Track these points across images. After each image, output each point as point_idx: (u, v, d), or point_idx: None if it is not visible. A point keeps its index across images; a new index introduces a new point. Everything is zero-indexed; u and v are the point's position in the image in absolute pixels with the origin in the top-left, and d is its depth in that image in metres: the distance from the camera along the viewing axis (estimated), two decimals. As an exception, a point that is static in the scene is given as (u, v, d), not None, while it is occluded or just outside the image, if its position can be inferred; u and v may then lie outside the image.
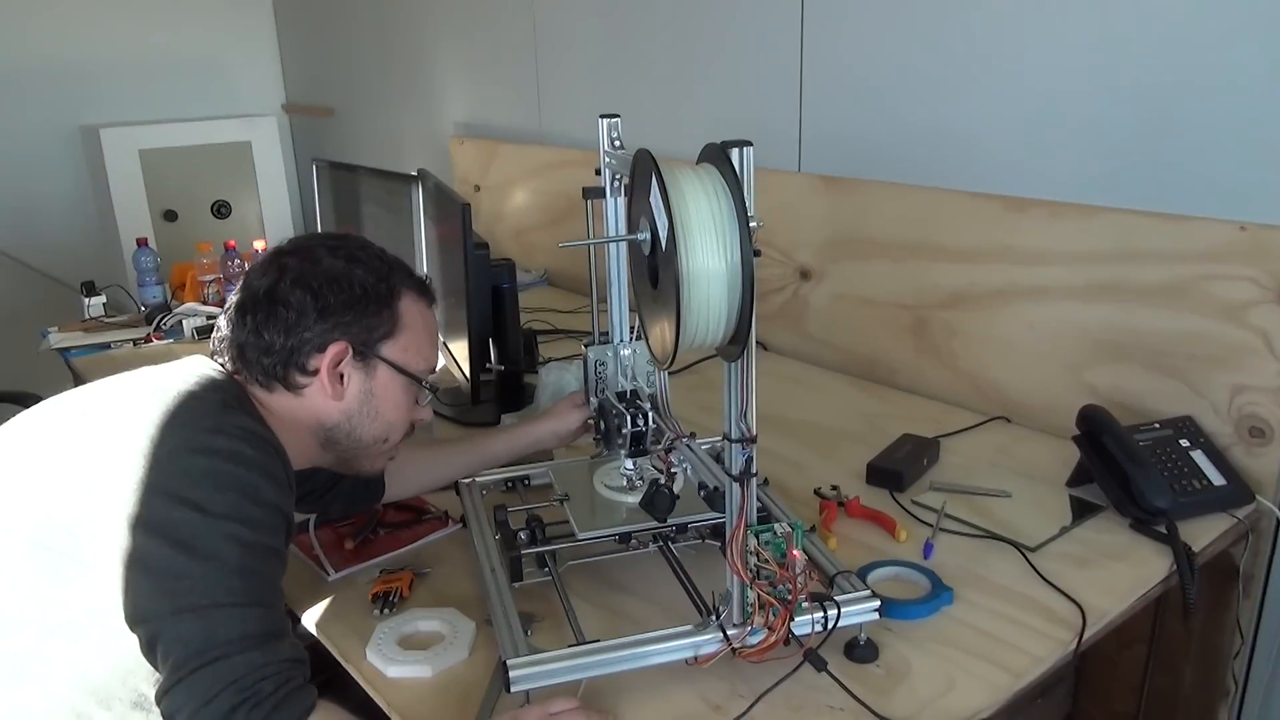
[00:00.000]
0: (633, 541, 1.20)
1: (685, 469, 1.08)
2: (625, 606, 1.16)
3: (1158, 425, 1.41)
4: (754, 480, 0.94)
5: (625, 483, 1.23)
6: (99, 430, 0.95)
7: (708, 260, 0.78)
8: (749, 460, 0.92)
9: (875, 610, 1.03)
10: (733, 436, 0.92)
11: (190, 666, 0.81)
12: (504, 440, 1.37)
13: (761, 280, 2.07)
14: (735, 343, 0.84)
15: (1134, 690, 1.55)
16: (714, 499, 0.99)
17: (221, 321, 1.07)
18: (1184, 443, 1.39)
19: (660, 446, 1.12)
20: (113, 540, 0.87)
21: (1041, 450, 1.55)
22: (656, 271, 0.85)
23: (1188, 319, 1.42)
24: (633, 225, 0.87)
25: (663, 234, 0.80)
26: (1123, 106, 1.47)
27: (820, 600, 1.00)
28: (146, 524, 0.87)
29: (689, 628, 0.99)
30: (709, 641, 0.98)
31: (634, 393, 1.20)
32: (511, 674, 0.93)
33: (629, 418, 1.14)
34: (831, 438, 1.64)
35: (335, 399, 1.04)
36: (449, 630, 1.11)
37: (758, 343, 2.24)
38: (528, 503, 1.29)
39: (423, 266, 1.98)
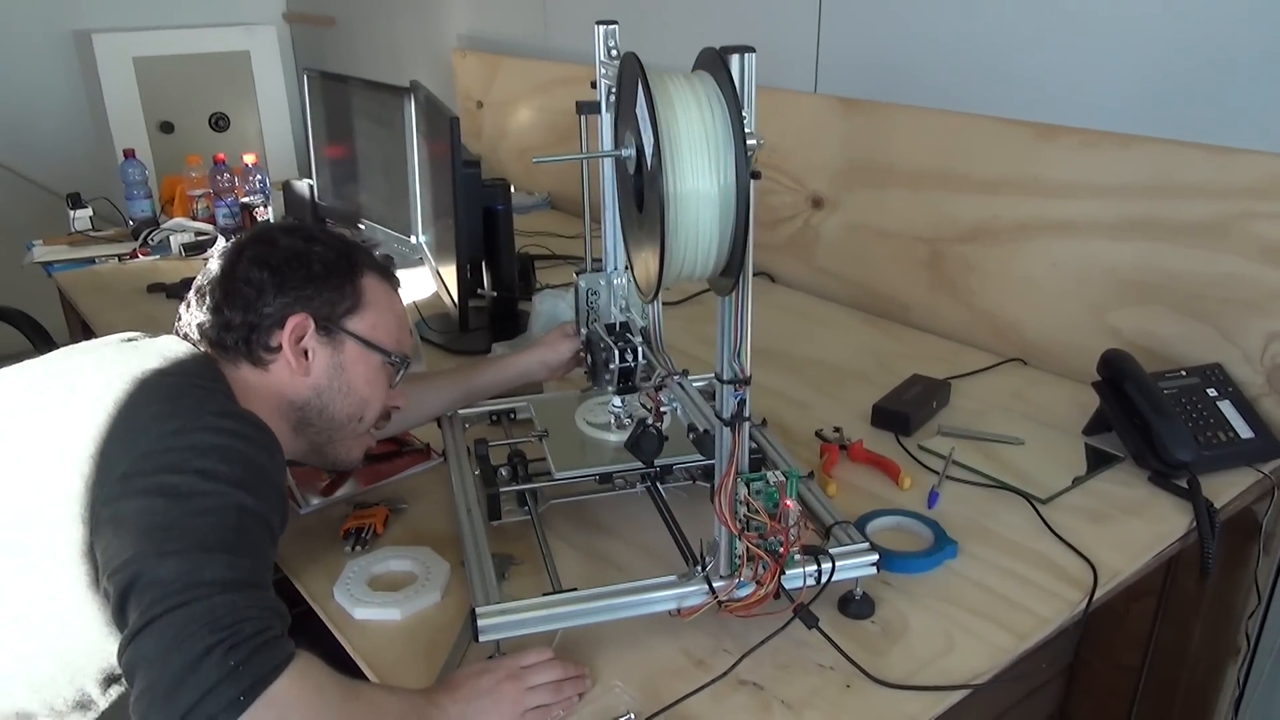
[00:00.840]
0: (619, 482, 1.13)
1: (676, 408, 1.00)
2: (608, 550, 1.10)
3: (1184, 373, 1.32)
4: (746, 425, 0.86)
5: (612, 420, 1.15)
6: (71, 418, 0.85)
7: (697, 181, 0.69)
8: (741, 403, 0.85)
9: (873, 564, 0.96)
10: (724, 377, 0.84)
11: (164, 606, 0.71)
12: (491, 372, 1.30)
13: (771, 209, 1.97)
14: (727, 275, 0.76)
15: (1140, 644, 1.49)
16: (703, 443, 0.91)
17: (181, 308, 1.01)
18: (1211, 392, 1.31)
19: (650, 384, 1.05)
20: (80, 529, 0.80)
21: (1058, 395, 1.47)
22: (642, 193, 0.76)
23: (1225, 260, 1.32)
24: (619, 140, 0.78)
25: (648, 150, 0.71)
26: (1164, 27, 1.35)
27: (814, 553, 0.93)
28: (139, 492, 0.78)
29: (673, 578, 0.93)
30: (693, 594, 0.92)
31: (625, 325, 1.12)
32: (480, 623, 0.87)
33: (617, 352, 1.06)
34: (838, 376, 1.56)
35: (302, 374, 0.98)
36: (422, 571, 1.05)
37: (764, 274, 2.15)
38: (512, 437, 1.22)
39: (415, 186, 1.88)
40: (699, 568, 0.92)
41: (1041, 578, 1.05)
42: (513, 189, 2.78)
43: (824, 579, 0.93)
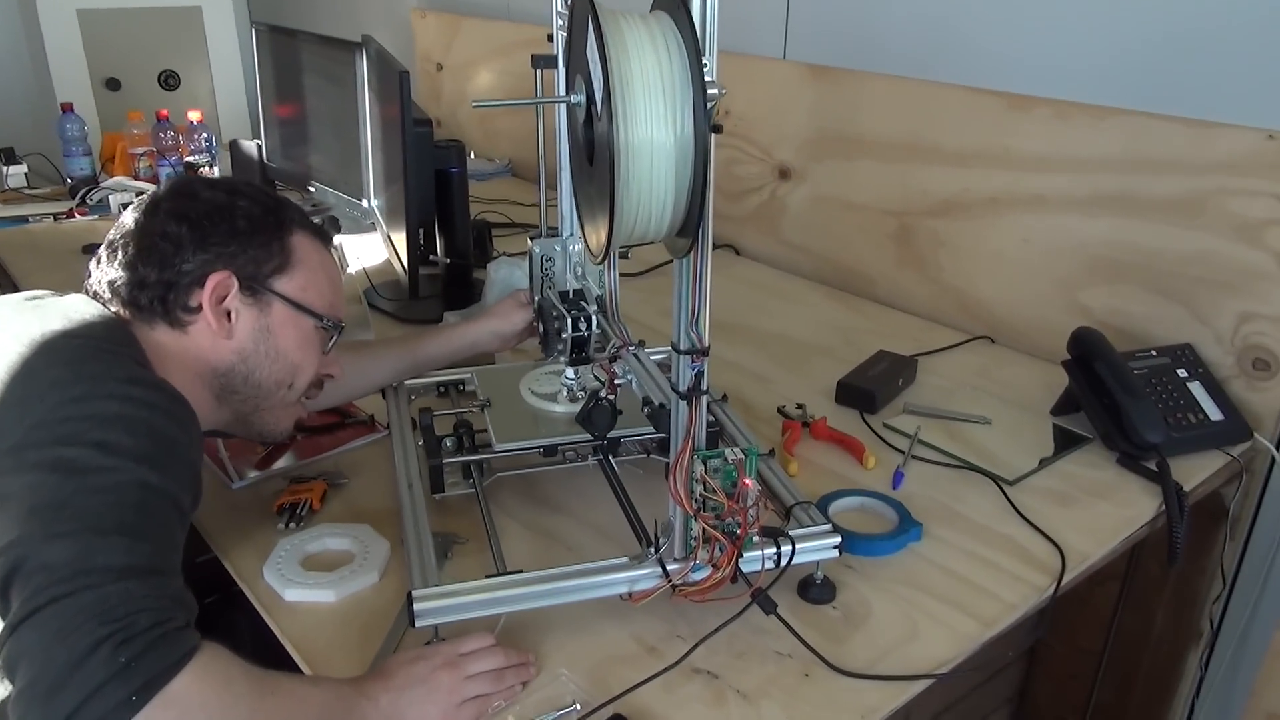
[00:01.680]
0: (569, 454, 1.08)
1: (630, 381, 0.95)
2: (558, 529, 1.04)
3: (1154, 353, 1.29)
4: (704, 399, 0.81)
5: (564, 392, 1.10)
6: None
7: (651, 130, 0.63)
8: (699, 375, 0.79)
9: (835, 547, 0.92)
10: (680, 347, 0.79)
11: (50, 595, 0.63)
12: (440, 341, 1.23)
13: (737, 179, 1.91)
14: (684, 234, 0.70)
15: (1102, 628, 1.47)
16: (658, 417, 0.86)
17: (92, 265, 0.92)
18: (1181, 373, 1.28)
19: (604, 355, 0.99)
20: None
21: (1026, 374, 1.43)
22: (593, 145, 0.70)
23: (1198, 237, 1.29)
24: (570, 86, 0.72)
25: (598, 95, 0.65)
26: (1148, -6, 1.31)
27: (773, 535, 0.88)
28: (30, 466, 0.70)
29: (624, 560, 0.87)
30: (646, 577, 0.87)
31: (579, 293, 1.06)
32: (417, 606, 0.82)
33: (570, 321, 1.01)
34: (802, 352, 1.51)
35: (225, 336, 0.90)
36: (359, 550, 0.99)
37: (729, 246, 2.10)
38: (460, 409, 1.15)
39: (367, 147, 1.80)
40: (652, 549, 0.87)
41: (1008, 562, 1.01)
42: (472, 154, 2.71)
43: (783, 562, 0.88)
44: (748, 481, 0.83)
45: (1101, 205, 1.38)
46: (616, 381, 0.96)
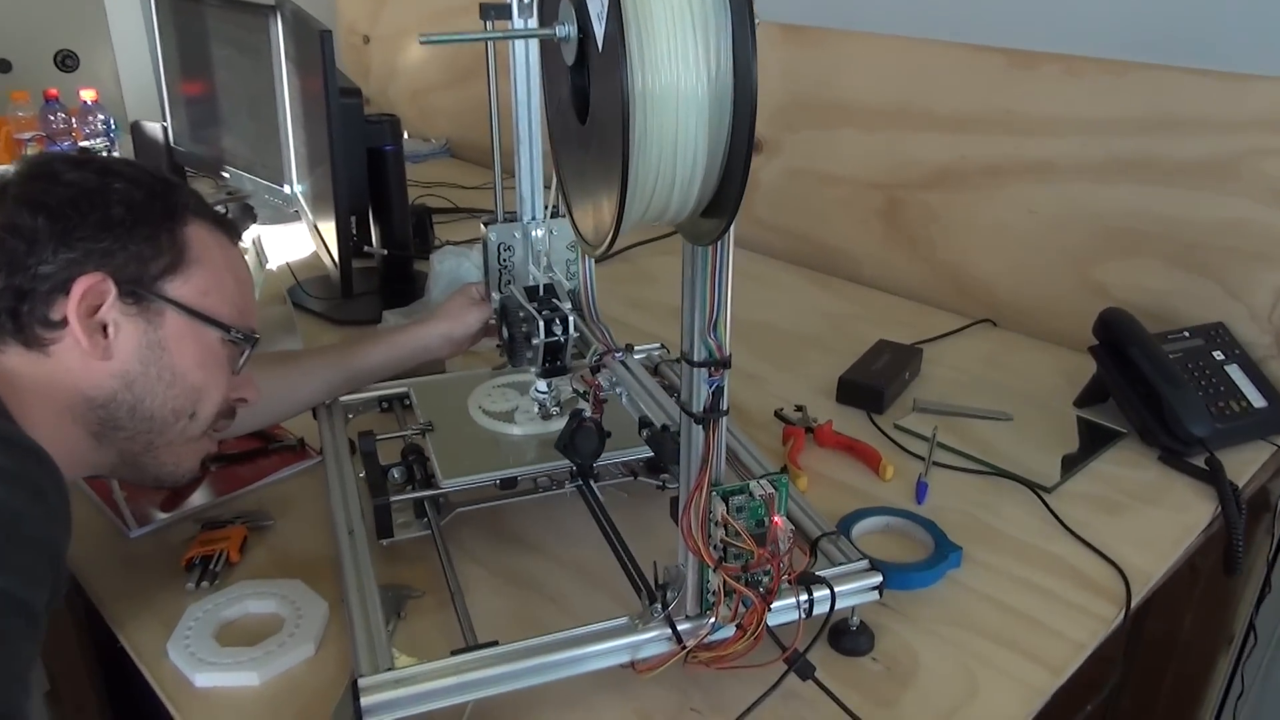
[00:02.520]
0: (542, 481, 0.90)
1: (620, 395, 0.78)
2: (533, 572, 0.87)
3: (1186, 334, 1.16)
4: (724, 421, 0.64)
5: (536, 408, 0.92)
6: None
7: (677, 72, 0.46)
8: (718, 392, 0.63)
9: (875, 588, 0.76)
10: (695, 358, 0.62)
11: None
12: (380, 348, 1.04)
13: (703, 152, 1.74)
14: (715, 214, 0.53)
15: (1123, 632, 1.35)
16: (661, 443, 0.69)
17: None
18: (1218, 355, 1.15)
19: (584, 363, 0.82)
20: None
21: (1039, 362, 1.30)
22: (586, 97, 0.52)
23: (1229, 203, 1.16)
24: (550, 15, 0.54)
25: (599, 27, 0.47)
26: (1172, -69, 1.17)
27: (806, 580, 0.72)
28: None
29: (623, 621, 0.70)
30: (652, 641, 0.70)
31: (549, 288, 0.88)
32: (364, 700, 0.64)
33: (542, 324, 0.83)
34: (789, 344, 1.35)
35: (100, 357, 0.70)
36: (290, 613, 0.80)
37: None
38: (408, 429, 0.97)
39: (286, 125, 1.59)
40: (658, 606, 0.70)
41: (1063, 588, 0.86)
42: (406, 135, 2.49)
43: (822, 612, 0.72)
44: (779, 520, 0.66)
45: (1118, 170, 1.24)
46: (602, 396, 0.78)
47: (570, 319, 0.83)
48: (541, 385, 0.89)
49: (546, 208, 1.00)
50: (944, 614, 0.83)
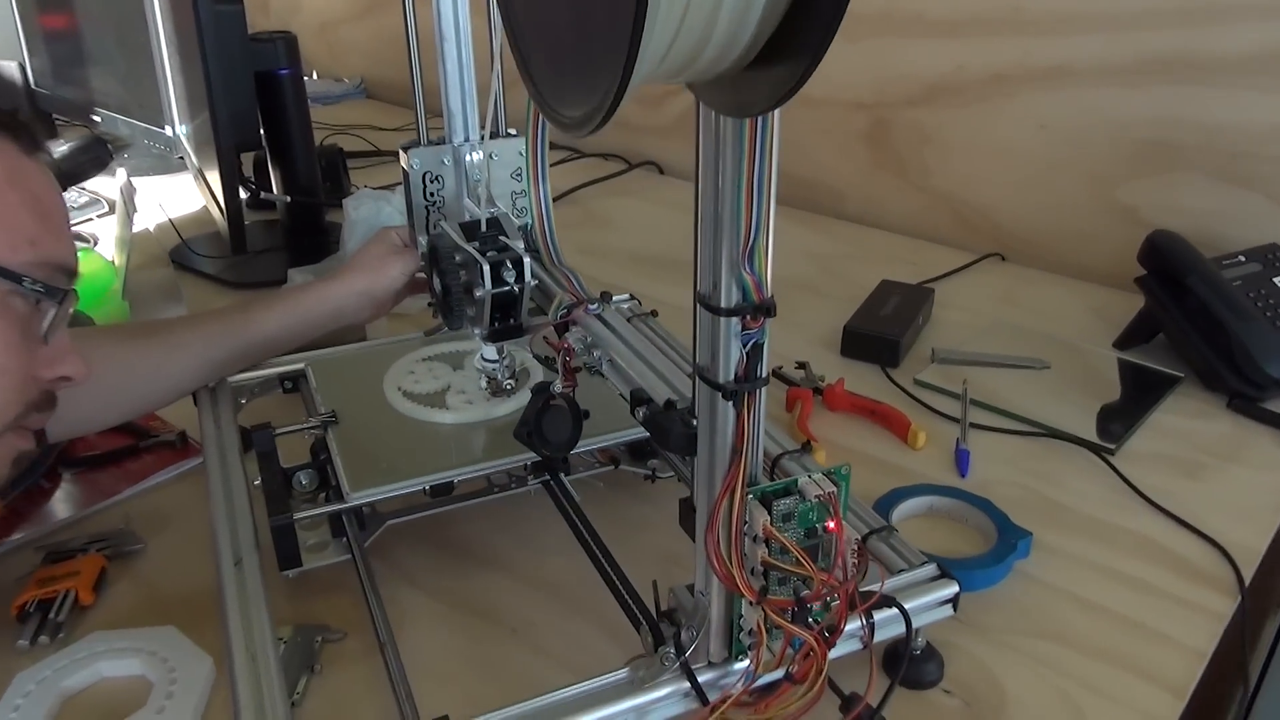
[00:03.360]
0: (498, 478, 0.70)
1: (600, 360, 0.57)
2: (493, 598, 0.66)
3: (1242, 258, 0.99)
4: (764, 394, 0.44)
5: (485, 384, 0.71)
6: None
7: None
8: (756, 352, 0.42)
9: (949, 600, 0.57)
10: (722, 303, 0.41)
11: None
12: (280, 311, 0.81)
13: (658, 75, 1.52)
14: (779, 57, 0.32)
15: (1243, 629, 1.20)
16: (668, 427, 0.48)
17: None
18: (1279, 281, 0.98)
19: (546, 319, 0.61)
20: None
21: (1062, 299, 1.12)
22: None
23: (1284, 103, 0.99)
24: None
25: None
26: None
27: (877, 603, 0.53)
28: None
29: (623, 676, 0.51)
30: (665, 701, 0.50)
31: (494, 223, 0.66)
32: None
33: (486, 269, 0.61)
34: (780, 287, 1.15)
35: None
36: (161, 676, 0.59)
37: (650, 163, 1.72)
38: (316, 415, 0.75)
39: (161, 55, 1.33)
40: (670, 651, 0.50)
41: (1157, 576, 0.69)
42: (315, 75, 2.22)
43: (902, 656, 0.53)
44: (842, 529, 0.47)
45: (1149, 71, 1.06)
46: (574, 364, 0.58)
47: (526, 261, 0.62)
48: (489, 352, 0.68)
49: (484, 126, 0.78)
50: (1021, 621, 0.65)
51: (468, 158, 0.77)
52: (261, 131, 1.21)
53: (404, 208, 0.80)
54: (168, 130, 1.38)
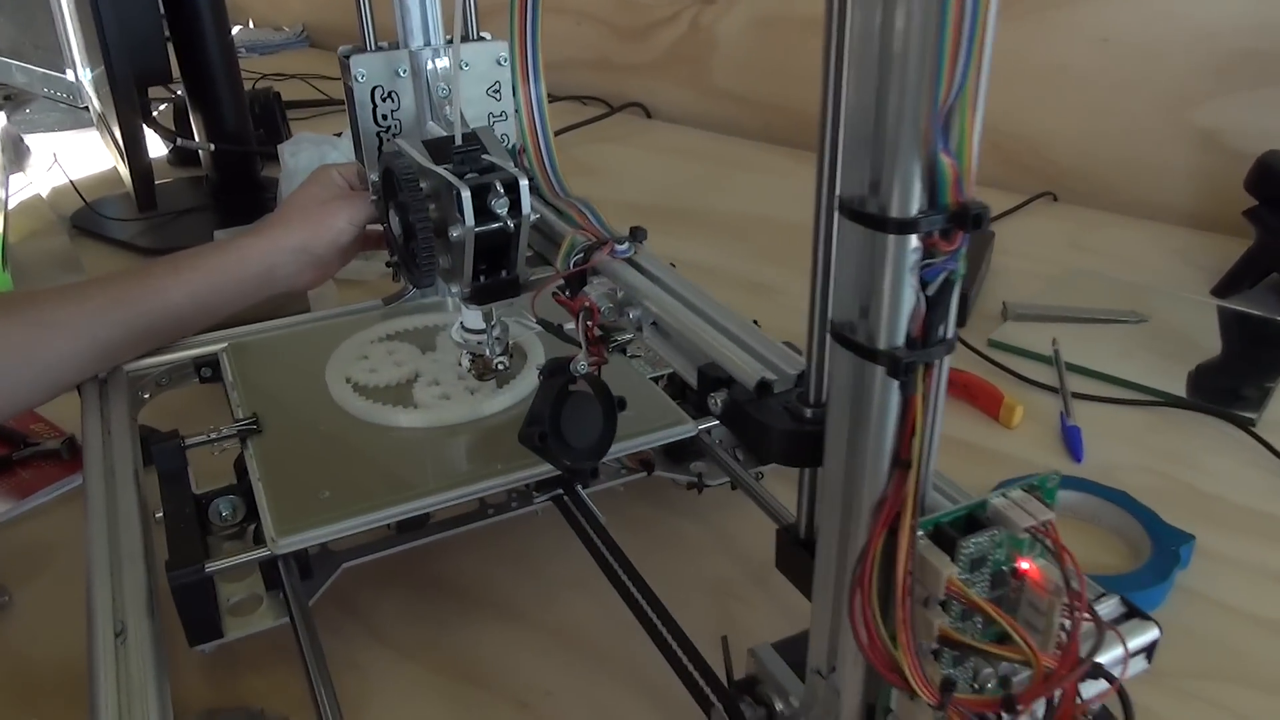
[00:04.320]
0: (491, 498, 0.51)
1: (638, 322, 0.39)
2: (491, 657, 0.49)
3: (1362, 184, 0.83)
4: (946, 366, 0.26)
5: (466, 365, 0.52)
6: None
7: None
8: (945, 294, 0.25)
9: (1144, 650, 0.40)
10: (893, 208, 0.24)
11: None
12: (186, 277, 0.62)
13: (637, 8, 1.34)
14: None
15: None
16: (765, 421, 0.31)
17: None
18: (1407, 211, 0.82)
19: (553, 272, 0.42)
20: None
21: (1136, 242, 0.96)
22: None
23: None
24: None
25: None
26: None
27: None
28: None
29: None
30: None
31: (472, 138, 0.47)
32: None
33: (466, 197, 0.42)
34: (800, 241, 0.97)
35: None
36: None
37: (635, 105, 1.51)
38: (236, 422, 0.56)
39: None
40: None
41: (1357, 585, 0.53)
42: (250, 23, 2.00)
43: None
44: (1081, 583, 0.29)
45: (1240, -32, 0.90)
46: (596, 332, 0.40)
47: (523, 184, 0.43)
48: (473, 319, 0.49)
49: (450, 28, 0.59)
50: (1200, 659, 0.48)
51: (430, 65, 0.59)
52: (179, 73, 1.01)
53: (349, 152, 0.62)
54: (69, 75, 1.17)
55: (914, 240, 0.25)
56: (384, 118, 0.60)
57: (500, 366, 0.50)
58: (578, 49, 1.45)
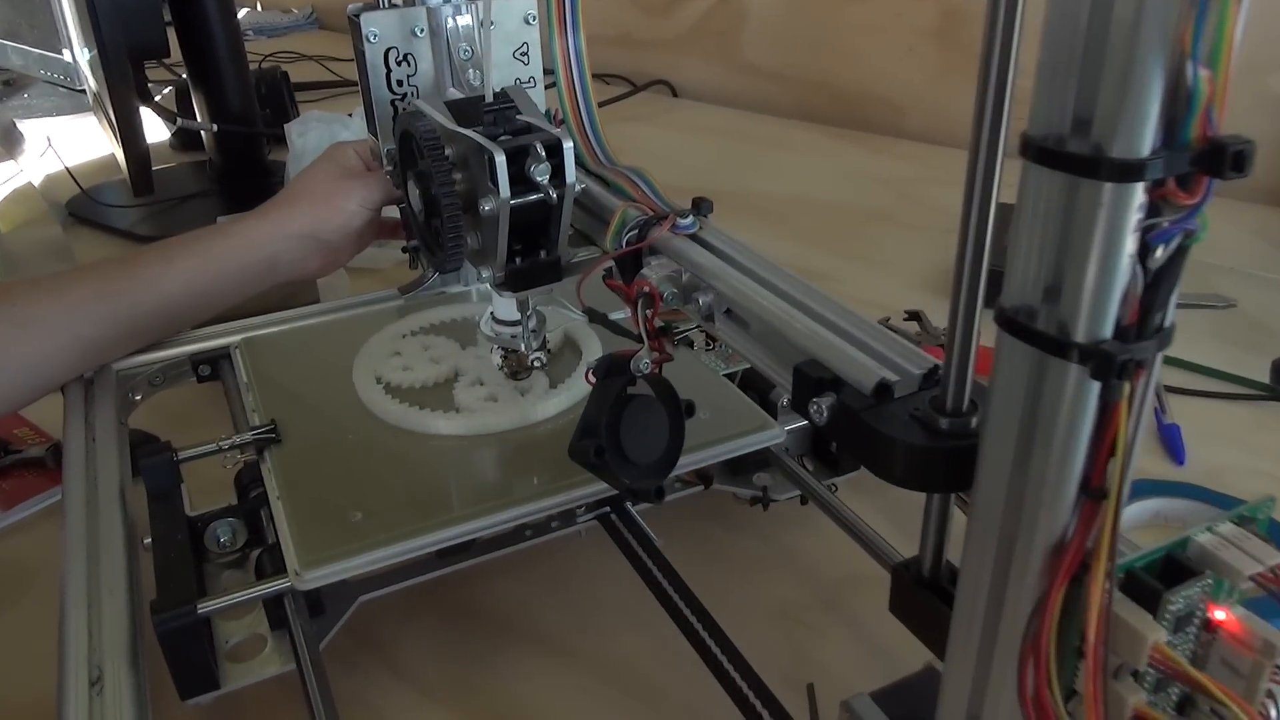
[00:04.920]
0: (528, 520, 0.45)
1: (710, 310, 0.32)
2: (533, 700, 0.42)
3: None
4: (1159, 364, 0.20)
5: (499, 362, 0.46)
6: None
7: None
8: (1178, 261, 0.18)
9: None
10: (1113, 146, 0.17)
11: None
12: (181, 265, 0.56)
13: (669, -28, 1.27)
14: None
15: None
16: (891, 434, 0.24)
17: None
18: None
19: (596, 256, 0.36)
20: None
21: (1212, 220, 0.88)
22: None
23: None
24: None
25: None
26: None
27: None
28: None
29: None
30: None
31: (503, 97, 0.40)
32: None
33: (500, 161, 0.36)
34: (847, 222, 0.91)
35: None
36: None
37: (661, 82, 1.43)
38: (245, 430, 0.49)
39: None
40: None
41: None
42: (259, 6, 1.94)
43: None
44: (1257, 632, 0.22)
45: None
46: (657, 323, 0.33)
47: (567, 148, 0.36)
48: (505, 308, 0.42)
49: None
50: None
51: (449, 23, 0.52)
52: (181, 54, 0.95)
53: (363, 129, 0.55)
54: (65, 55, 1.10)
55: (1139, 191, 0.18)
56: (399, 83, 0.54)
57: (537, 364, 0.43)
58: (598, 24, 1.38)
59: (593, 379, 0.34)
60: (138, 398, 0.55)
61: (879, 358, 0.27)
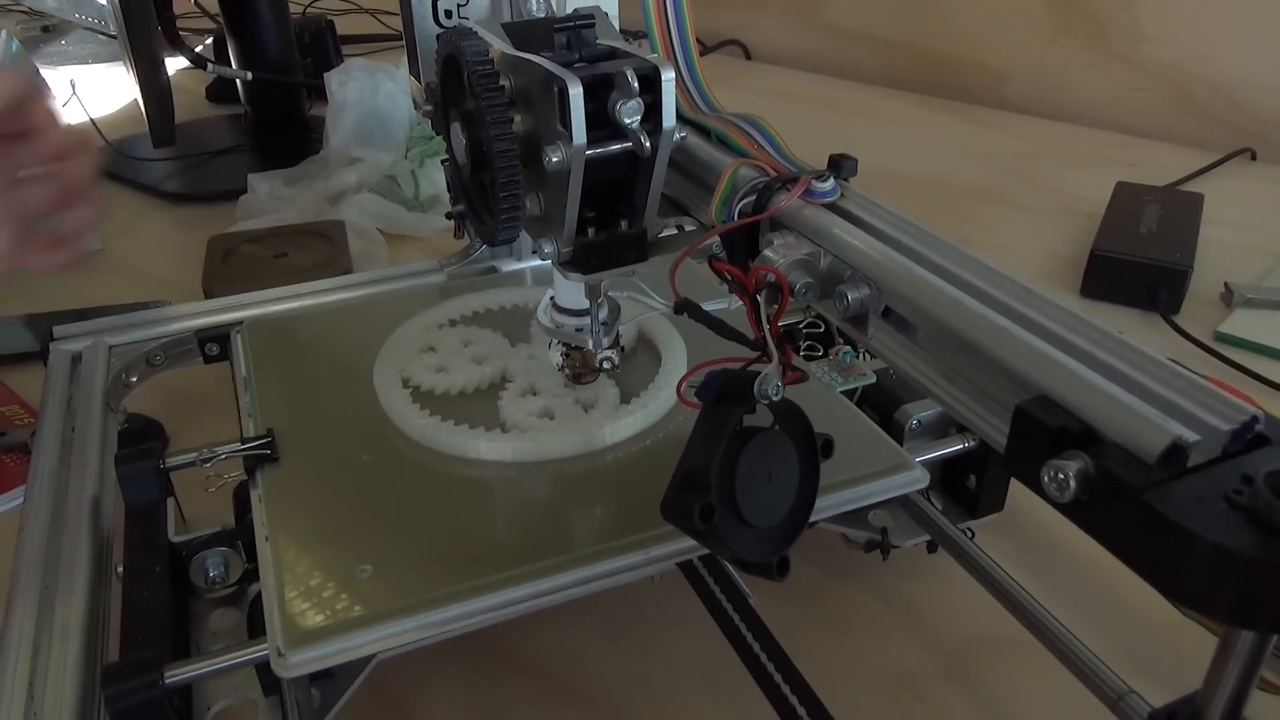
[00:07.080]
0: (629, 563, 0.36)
1: (867, 309, 0.23)
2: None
3: None
4: None
5: (560, 362, 0.36)
6: None
7: None
8: None
9: None
10: None
11: None
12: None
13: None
14: None
15: None
16: (1183, 522, 0.14)
17: None
18: None
19: (698, 232, 0.26)
20: None
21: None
22: None
23: None
24: None
25: None
26: None
27: None
28: None
29: None
30: None
31: (581, 22, 0.31)
32: None
33: (574, 95, 0.26)
34: (947, 200, 0.81)
35: None
36: None
37: (733, 42, 1.25)
38: (249, 438, 0.41)
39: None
40: None
41: None
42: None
43: None
44: None
45: None
46: (780, 322, 0.24)
47: (665, 79, 0.27)
48: (569, 294, 0.33)
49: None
50: None
51: (512, -61, 0.43)
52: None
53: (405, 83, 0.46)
54: (100, -2, 1.03)
55: None
56: (447, 15, 0.45)
57: (606, 365, 0.34)
58: (667, -19, 1.28)
59: (690, 398, 0.24)
60: (133, 379, 0.47)
61: (1156, 400, 0.18)
